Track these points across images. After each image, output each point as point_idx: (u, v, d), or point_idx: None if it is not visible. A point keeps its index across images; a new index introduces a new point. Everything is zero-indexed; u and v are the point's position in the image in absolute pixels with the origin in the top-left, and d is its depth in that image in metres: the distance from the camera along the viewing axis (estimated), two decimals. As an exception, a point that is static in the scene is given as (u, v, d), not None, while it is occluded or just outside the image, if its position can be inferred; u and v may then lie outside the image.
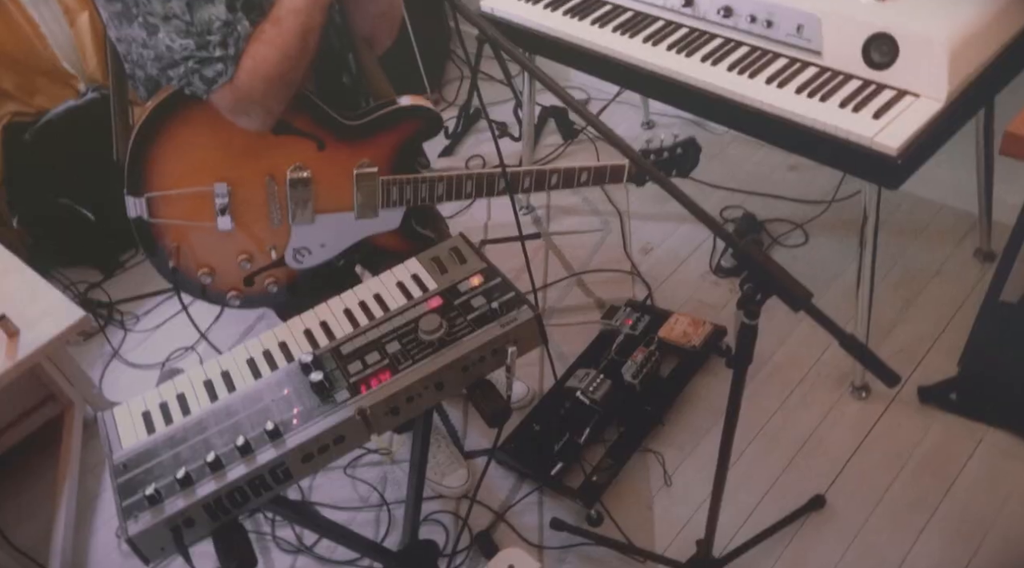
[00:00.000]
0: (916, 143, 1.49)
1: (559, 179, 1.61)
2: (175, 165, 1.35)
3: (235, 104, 1.25)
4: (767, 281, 0.99)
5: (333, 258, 1.52)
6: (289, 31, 1.21)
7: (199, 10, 1.17)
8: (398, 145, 1.44)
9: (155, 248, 1.43)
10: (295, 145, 1.38)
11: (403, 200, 1.48)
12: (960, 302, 2.07)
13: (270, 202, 1.42)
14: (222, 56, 1.20)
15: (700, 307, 2.21)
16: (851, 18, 1.59)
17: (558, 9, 2.03)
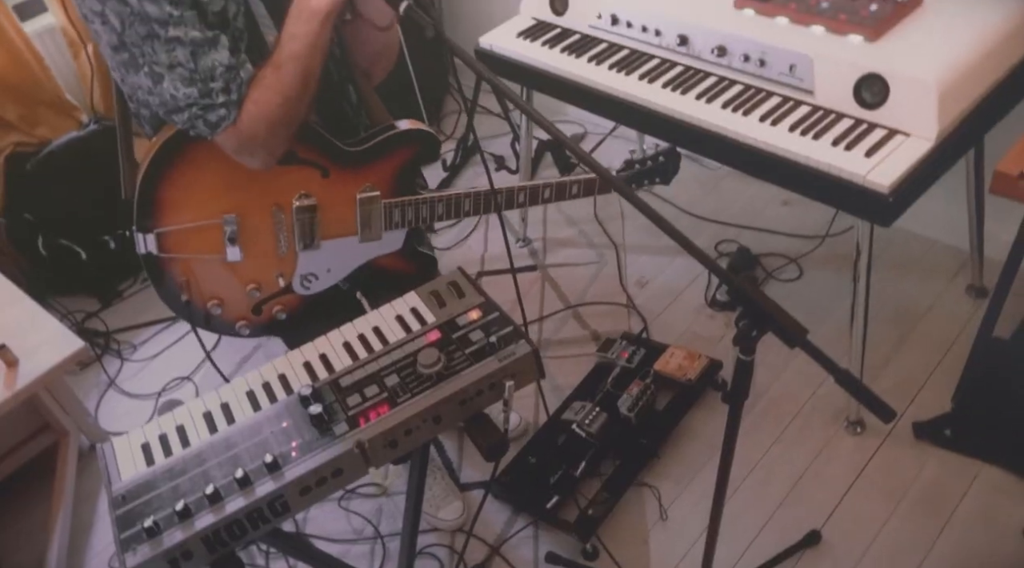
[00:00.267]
0: (907, 181, 1.52)
1: (552, 193, 1.65)
2: (183, 200, 1.38)
3: (239, 145, 1.28)
4: (762, 317, 1.01)
5: (339, 282, 1.55)
6: (289, 76, 1.24)
7: (203, 58, 1.20)
8: (398, 168, 1.48)
9: (164, 282, 1.45)
10: (300, 174, 1.41)
11: (405, 221, 1.52)
12: (953, 337, 2.09)
13: (277, 231, 1.44)
14: (225, 102, 1.23)
15: (696, 340, 2.22)
16: (842, 59, 1.63)
17: (556, 47, 2.07)
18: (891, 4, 1.67)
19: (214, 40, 1.21)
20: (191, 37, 1.19)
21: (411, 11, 1.14)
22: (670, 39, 1.89)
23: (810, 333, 0.98)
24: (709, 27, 1.81)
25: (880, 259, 2.27)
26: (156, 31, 1.17)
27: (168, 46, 1.18)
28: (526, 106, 1.07)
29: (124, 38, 1.18)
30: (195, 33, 1.19)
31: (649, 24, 1.92)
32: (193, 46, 1.19)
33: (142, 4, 1.15)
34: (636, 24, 1.94)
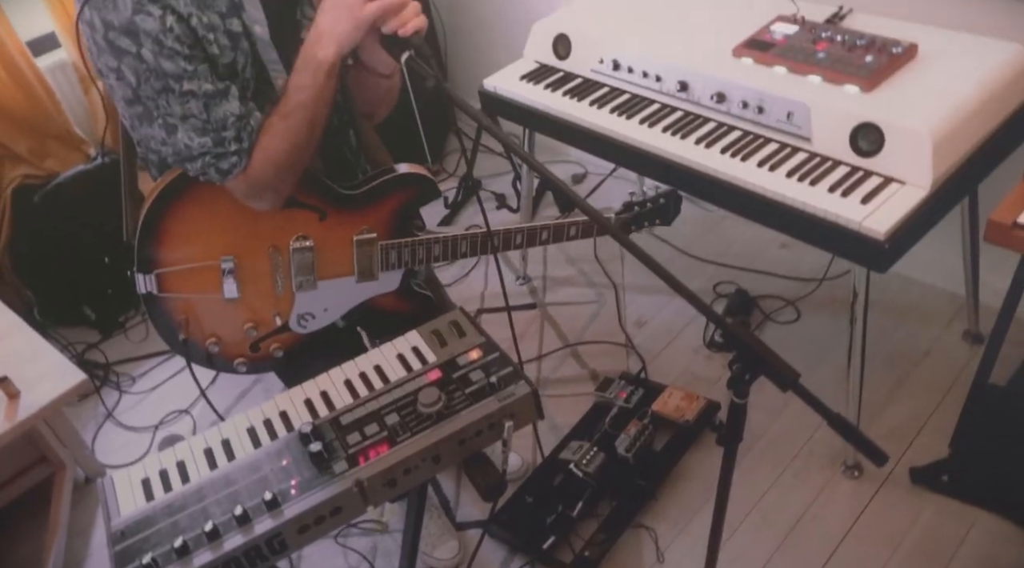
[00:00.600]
0: (903, 228, 1.54)
1: (549, 235, 1.67)
2: (183, 242, 1.40)
3: (248, 190, 1.32)
4: (755, 361, 1.02)
5: (336, 321, 1.56)
6: (297, 124, 1.28)
7: (215, 109, 1.24)
8: (396, 211, 1.50)
9: (163, 321, 1.47)
10: (298, 217, 1.43)
11: (401, 262, 1.54)
12: (950, 383, 2.09)
13: (274, 271, 1.46)
14: (237, 150, 1.27)
15: (694, 381, 2.23)
16: (838, 108, 1.66)
17: (558, 90, 2.11)
18: (886, 56, 1.71)
19: (225, 91, 1.24)
20: (204, 90, 1.22)
21: (412, 62, 1.17)
22: (670, 85, 1.93)
23: (806, 376, 0.99)
24: (708, 74, 1.85)
25: (877, 303, 2.29)
26: (171, 86, 1.20)
27: (182, 99, 1.21)
28: (524, 153, 1.10)
29: (139, 92, 1.21)
30: (207, 86, 1.22)
31: (650, 70, 1.96)
32: (206, 98, 1.22)
33: (158, 60, 1.17)
34: (637, 70, 1.99)
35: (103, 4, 1.15)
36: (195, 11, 1.20)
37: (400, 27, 1.18)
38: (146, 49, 1.16)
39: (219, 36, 1.24)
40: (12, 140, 2.48)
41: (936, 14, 1.90)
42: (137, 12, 1.14)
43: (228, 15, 1.24)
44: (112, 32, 1.15)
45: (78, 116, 2.68)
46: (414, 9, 1.19)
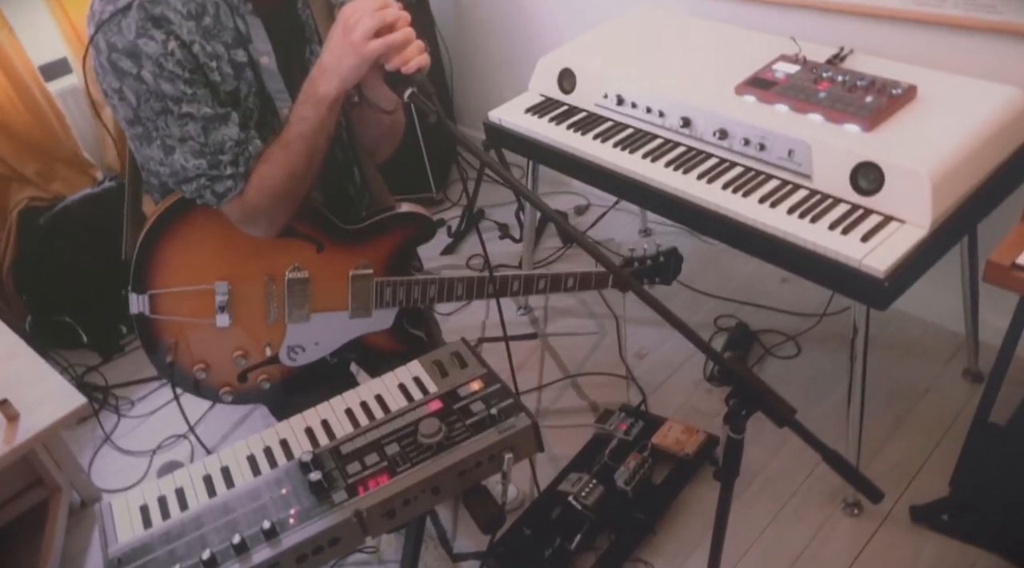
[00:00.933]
0: (902, 267, 1.55)
1: (546, 284, 1.68)
2: (179, 264, 1.41)
3: (243, 215, 1.33)
4: (752, 396, 1.02)
5: (326, 356, 1.56)
6: (296, 154, 1.29)
7: (214, 132, 1.25)
8: (393, 249, 1.51)
9: (154, 343, 1.47)
10: (295, 247, 1.44)
11: (396, 301, 1.54)
12: (951, 421, 2.09)
13: (268, 300, 1.47)
14: (232, 174, 1.28)
15: (694, 414, 2.23)
16: (839, 147, 1.68)
17: (562, 123, 2.14)
18: (886, 96, 1.74)
19: (225, 116, 1.26)
20: (203, 113, 1.23)
21: (414, 98, 1.18)
22: (673, 121, 1.95)
23: (807, 412, 1.00)
24: (711, 111, 1.88)
25: (877, 340, 2.29)
26: (170, 107, 1.22)
27: (181, 121, 1.23)
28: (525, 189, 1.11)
29: (139, 113, 1.22)
30: (207, 109, 1.24)
31: (653, 105, 1.99)
32: (204, 121, 1.24)
33: (158, 82, 1.19)
34: (641, 105, 2.01)
35: (109, 27, 1.17)
36: (199, 39, 1.22)
37: (403, 64, 1.19)
38: (146, 71, 1.18)
39: (222, 65, 1.26)
40: (20, 163, 2.51)
41: (934, 57, 1.93)
42: (140, 36, 1.17)
43: (233, 46, 1.26)
44: (115, 54, 1.17)
45: (86, 140, 2.71)
46: (417, 47, 1.21)
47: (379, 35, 1.18)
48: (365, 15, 1.18)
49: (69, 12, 2.52)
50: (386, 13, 1.19)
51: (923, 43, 1.99)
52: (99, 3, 1.19)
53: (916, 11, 1.96)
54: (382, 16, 1.18)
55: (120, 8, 1.16)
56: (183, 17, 1.20)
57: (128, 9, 1.16)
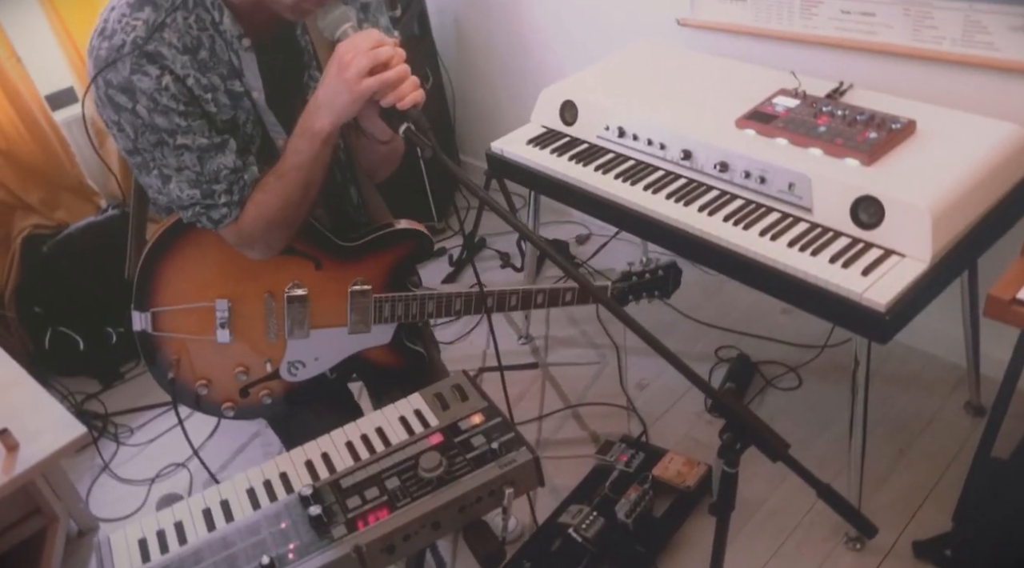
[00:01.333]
0: (903, 301, 1.55)
1: (544, 298, 1.68)
2: (180, 282, 1.43)
3: (239, 240, 1.35)
4: (746, 431, 1.02)
5: (326, 371, 1.57)
6: (291, 184, 1.31)
7: (209, 162, 1.27)
8: (392, 265, 1.52)
9: (156, 360, 1.49)
10: (294, 264, 1.46)
11: (395, 317, 1.55)
12: (953, 454, 2.08)
13: (268, 317, 1.48)
14: (227, 202, 1.30)
15: (694, 446, 2.22)
16: (839, 181, 1.69)
17: (564, 154, 2.15)
18: (886, 131, 1.75)
19: (221, 145, 1.28)
20: (198, 144, 1.25)
21: (410, 133, 1.18)
22: (674, 153, 1.96)
23: (808, 444, 1.00)
24: (712, 144, 1.89)
25: (878, 372, 2.29)
26: (165, 139, 1.24)
27: (177, 152, 1.25)
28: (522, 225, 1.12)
29: (137, 144, 1.25)
30: (202, 140, 1.26)
31: (654, 138, 2.00)
32: (200, 151, 1.26)
33: (153, 117, 1.21)
34: (642, 137, 2.03)
35: (105, 64, 1.19)
36: (193, 72, 1.24)
37: (398, 101, 1.19)
38: (141, 106, 1.20)
39: (219, 95, 1.28)
40: (25, 191, 2.53)
41: (933, 92, 1.95)
42: (135, 72, 1.19)
43: (229, 77, 1.29)
44: (111, 90, 1.20)
45: (91, 168, 2.73)
46: (412, 84, 1.21)
47: (373, 73, 1.19)
48: (360, 54, 1.18)
49: (76, 42, 2.55)
50: (380, 52, 1.19)
51: (922, 79, 2.01)
52: (96, 39, 1.21)
53: (914, 47, 1.98)
54: (376, 55, 1.18)
55: (115, 46, 1.19)
56: (178, 51, 1.22)
57: (123, 46, 1.18)
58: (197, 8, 1.24)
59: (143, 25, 1.19)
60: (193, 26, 1.23)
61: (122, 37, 1.19)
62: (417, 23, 3.01)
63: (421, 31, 3.06)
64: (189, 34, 1.23)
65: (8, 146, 2.47)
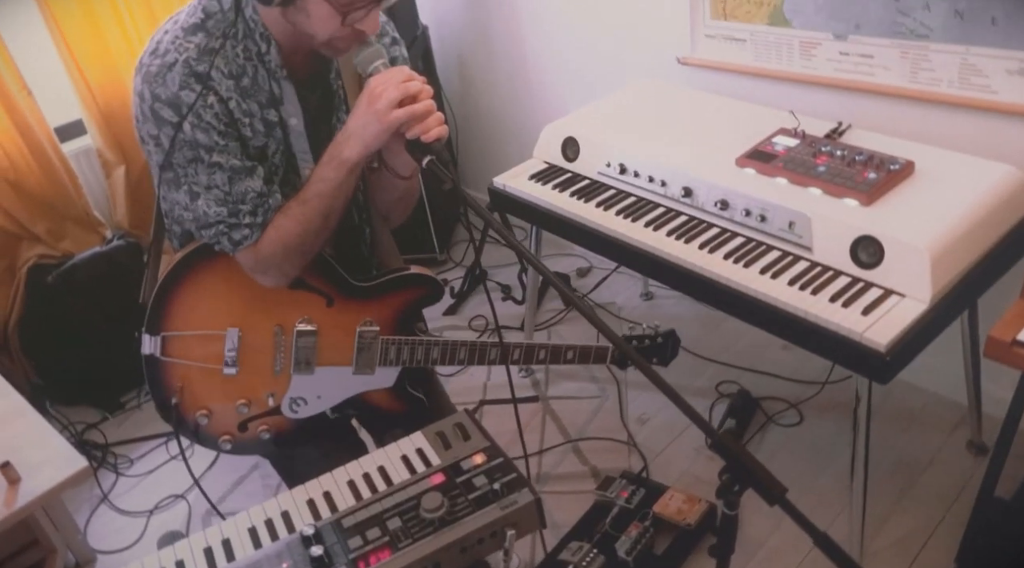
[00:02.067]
0: (904, 341, 1.56)
1: (547, 355, 1.72)
2: (194, 308, 1.45)
3: (255, 264, 1.38)
4: (743, 473, 1.03)
5: (327, 411, 1.58)
6: (313, 211, 1.34)
7: (238, 183, 1.31)
8: (401, 308, 1.54)
9: (159, 385, 1.50)
10: (306, 299, 1.48)
11: (399, 360, 1.57)
12: (955, 494, 2.07)
13: (276, 350, 1.50)
14: (250, 223, 1.33)
15: (695, 483, 2.21)
16: (839, 220, 1.71)
17: (566, 190, 2.17)
18: (884, 171, 1.77)
19: (251, 169, 1.32)
20: (231, 164, 1.30)
21: (432, 165, 1.24)
22: (675, 190, 1.98)
23: (809, 483, 1.00)
24: (712, 182, 1.91)
25: (880, 410, 2.29)
26: (201, 156, 1.28)
27: (209, 170, 1.29)
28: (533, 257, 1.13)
29: (172, 159, 1.29)
30: (235, 161, 1.30)
31: (655, 175, 2.02)
32: (231, 172, 1.30)
33: (194, 132, 1.26)
34: (643, 174, 2.05)
35: (155, 79, 1.25)
36: (235, 96, 1.29)
37: (423, 133, 1.25)
38: (185, 121, 1.25)
39: (255, 122, 1.33)
40: (31, 221, 2.55)
41: (931, 133, 1.98)
42: (183, 88, 1.24)
43: (267, 106, 1.34)
44: (158, 103, 1.25)
45: (97, 199, 2.76)
46: (437, 119, 1.27)
47: (402, 105, 1.25)
48: (390, 86, 1.25)
49: (87, 75, 2.59)
50: (410, 85, 1.26)
51: (919, 119, 2.03)
52: (148, 57, 1.27)
53: (912, 89, 2.01)
54: (406, 88, 1.25)
55: (168, 63, 1.24)
56: (224, 76, 1.27)
57: (175, 64, 1.24)
58: (246, 39, 1.29)
59: (195, 48, 1.26)
60: (240, 55, 1.29)
61: (175, 56, 1.25)
62: (422, 59, 3.06)
63: (426, 66, 3.10)
64: (236, 62, 1.29)
65: (17, 177, 2.49)
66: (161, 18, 2.61)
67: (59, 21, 2.50)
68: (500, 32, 3.13)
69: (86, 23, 2.55)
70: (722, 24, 2.35)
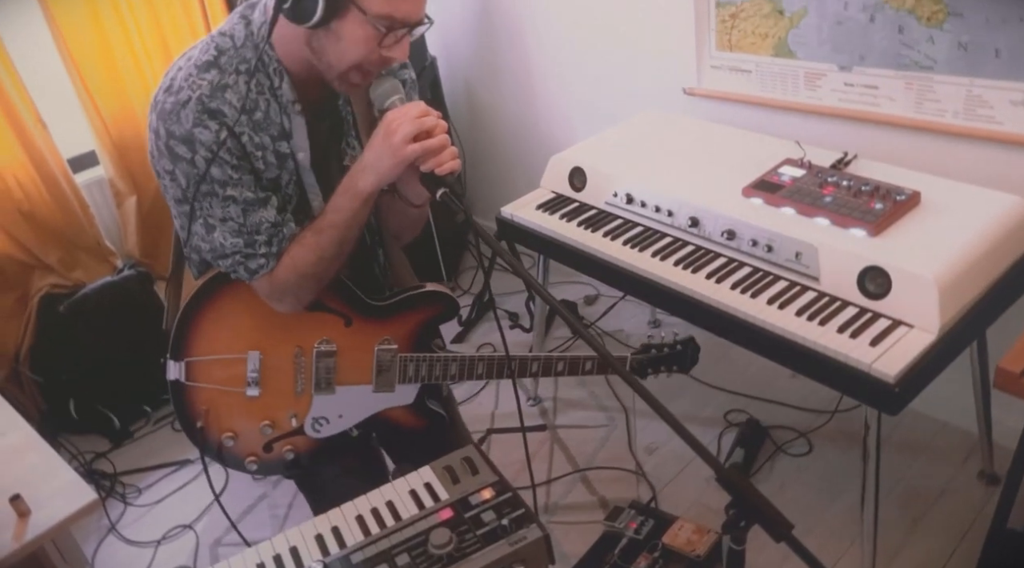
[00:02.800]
0: (912, 372, 1.55)
1: (565, 366, 1.72)
2: (215, 333, 1.47)
3: (271, 291, 1.40)
4: (749, 509, 1.02)
5: (349, 429, 1.59)
6: (328, 240, 1.37)
7: (252, 215, 1.34)
8: (418, 325, 1.56)
9: (185, 410, 1.51)
10: (325, 321, 1.50)
11: (418, 377, 1.58)
12: (968, 525, 2.05)
13: (297, 372, 1.51)
14: (266, 253, 1.36)
15: (705, 513, 2.20)
16: (846, 251, 1.71)
17: (573, 220, 2.19)
18: (891, 202, 1.78)
19: (264, 200, 1.35)
20: (244, 197, 1.32)
21: (446, 197, 1.26)
22: (682, 220, 1.99)
23: (820, 513, 0.99)
24: (719, 212, 1.92)
25: (889, 439, 2.27)
26: (216, 190, 1.31)
27: (224, 203, 1.32)
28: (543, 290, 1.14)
29: (187, 193, 1.32)
30: (248, 194, 1.32)
31: (662, 205, 2.04)
32: (245, 204, 1.33)
33: (208, 167, 1.29)
34: (650, 204, 2.06)
35: (169, 116, 1.27)
36: (248, 130, 1.32)
37: (437, 167, 1.28)
38: (199, 156, 1.28)
39: (267, 154, 1.35)
40: (44, 251, 2.58)
41: (936, 163, 1.99)
42: (196, 125, 1.27)
43: (278, 139, 1.36)
44: (172, 140, 1.27)
45: (109, 229, 2.79)
46: (451, 153, 1.30)
47: (417, 140, 1.27)
48: (406, 121, 1.27)
49: (100, 107, 2.63)
50: (425, 120, 1.28)
51: (925, 150, 2.04)
52: (162, 94, 1.29)
53: (917, 119, 2.03)
54: (421, 123, 1.28)
55: (182, 100, 1.27)
56: (236, 111, 1.29)
57: (188, 102, 1.26)
58: (258, 74, 1.32)
59: (208, 85, 1.28)
60: (252, 90, 1.31)
61: (188, 93, 1.27)
62: (430, 89, 3.09)
63: (433, 95, 3.14)
64: (248, 97, 1.31)
65: (31, 208, 2.53)
66: (174, 49, 2.68)
67: (73, 53, 2.54)
68: (507, 63, 3.17)
69: (100, 56, 2.60)
70: (728, 55, 2.37)
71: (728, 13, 2.31)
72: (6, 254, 2.54)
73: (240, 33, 1.32)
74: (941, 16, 1.89)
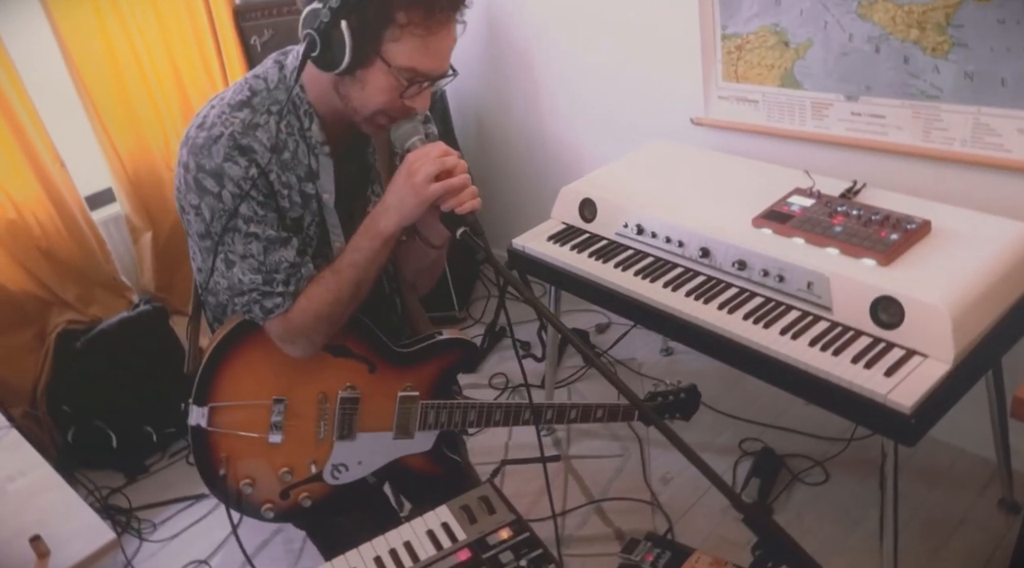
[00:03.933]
0: (928, 402, 1.55)
1: (578, 414, 1.75)
2: (239, 380, 1.47)
3: (284, 333, 1.40)
4: (779, 551, 1.01)
5: (367, 476, 1.59)
6: (346, 281, 1.37)
7: (272, 253, 1.35)
8: (439, 373, 1.57)
9: (205, 455, 1.51)
10: (349, 367, 1.50)
11: (438, 423, 1.59)
12: (988, 554, 2.03)
13: (320, 418, 1.52)
14: (283, 292, 1.36)
15: (722, 545, 2.18)
16: (857, 280, 1.71)
17: (584, 251, 2.20)
18: (901, 231, 1.78)
19: (286, 240, 1.36)
20: (267, 235, 1.34)
21: (466, 236, 1.28)
22: (692, 251, 2.00)
23: (839, 543, 0.99)
24: (729, 242, 1.93)
25: (907, 467, 2.26)
26: (239, 226, 1.32)
27: (246, 239, 1.33)
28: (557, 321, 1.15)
29: (211, 228, 1.33)
30: (271, 232, 1.34)
31: (672, 236, 2.05)
32: (267, 242, 1.34)
33: (235, 202, 1.30)
34: (660, 235, 2.07)
35: (200, 150, 1.29)
36: (276, 169, 1.34)
37: (458, 206, 1.30)
38: (227, 190, 1.29)
39: (293, 194, 1.37)
40: (62, 288, 2.61)
41: (946, 192, 2.00)
42: (227, 160, 1.29)
43: (305, 179, 1.38)
44: (201, 173, 1.29)
45: (125, 264, 2.82)
46: (471, 192, 1.32)
47: (438, 180, 1.29)
48: (428, 161, 1.29)
49: (118, 148, 2.67)
50: (446, 160, 1.30)
51: (933, 178, 2.05)
52: (194, 130, 1.32)
53: (925, 147, 2.04)
54: (442, 163, 1.30)
55: (214, 136, 1.29)
56: (266, 149, 1.32)
57: (220, 137, 1.29)
58: (289, 115, 1.35)
59: (240, 122, 1.31)
60: (283, 130, 1.34)
61: (220, 129, 1.30)
62: (440, 121, 3.13)
63: (444, 128, 3.17)
64: (278, 137, 1.33)
65: (49, 245, 2.56)
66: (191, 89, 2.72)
67: (92, 93, 2.59)
68: (517, 95, 3.21)
69: (116, 94, 2.65)
70: (734, 86, 2.39)
71: (734, 45, 2.33)
72: (25, 291, 2.57)
73: (273, 76, 1.36)
74: (946, 47, 1.90)
